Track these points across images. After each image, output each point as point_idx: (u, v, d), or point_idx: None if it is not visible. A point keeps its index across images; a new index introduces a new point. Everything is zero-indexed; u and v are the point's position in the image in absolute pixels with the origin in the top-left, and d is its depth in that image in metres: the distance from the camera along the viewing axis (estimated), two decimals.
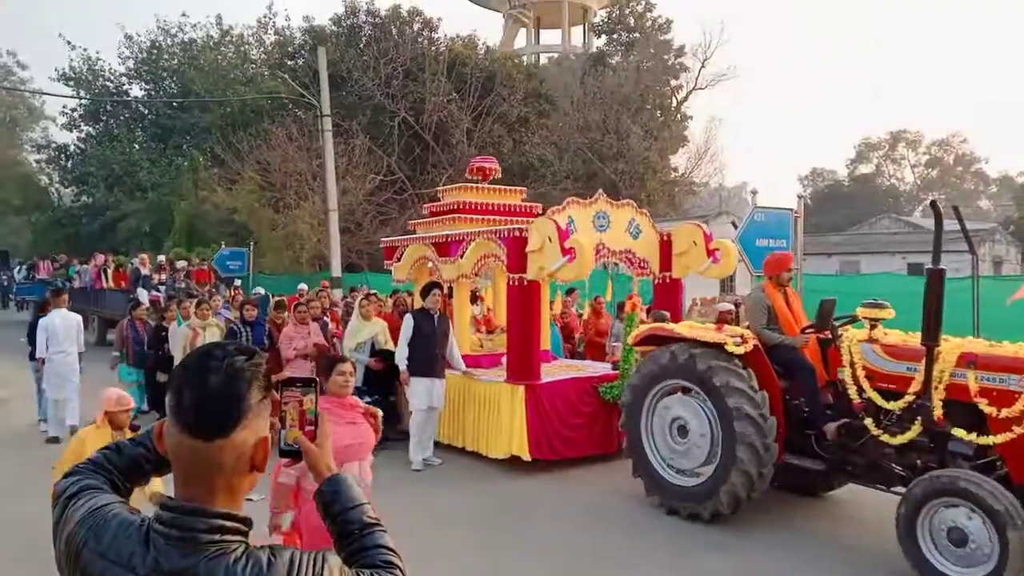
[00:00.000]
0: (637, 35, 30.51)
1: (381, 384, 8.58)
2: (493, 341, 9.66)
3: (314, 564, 1.29)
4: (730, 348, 6.36)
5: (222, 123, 27.00)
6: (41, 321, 9.03)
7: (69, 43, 36.67)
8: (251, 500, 1.67)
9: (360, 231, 25.12)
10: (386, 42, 26.38)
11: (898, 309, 5.91)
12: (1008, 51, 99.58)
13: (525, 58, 35.24)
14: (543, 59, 39.18)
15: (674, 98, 30.19)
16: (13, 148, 42.75)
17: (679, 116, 30.38)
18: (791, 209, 10.11)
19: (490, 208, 9.24)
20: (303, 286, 15.40)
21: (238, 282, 18.39)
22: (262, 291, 14.24)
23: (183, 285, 15.71)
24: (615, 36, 31.29)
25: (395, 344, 8.65)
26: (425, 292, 7.81)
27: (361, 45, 27.00)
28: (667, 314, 7.61)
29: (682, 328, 6.82)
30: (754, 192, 12.83)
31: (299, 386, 1.51)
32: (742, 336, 6.44)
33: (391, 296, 11.63)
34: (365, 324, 8.67)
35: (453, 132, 26.09)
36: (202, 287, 17.18)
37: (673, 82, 30.04)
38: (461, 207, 9.12)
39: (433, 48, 26.78)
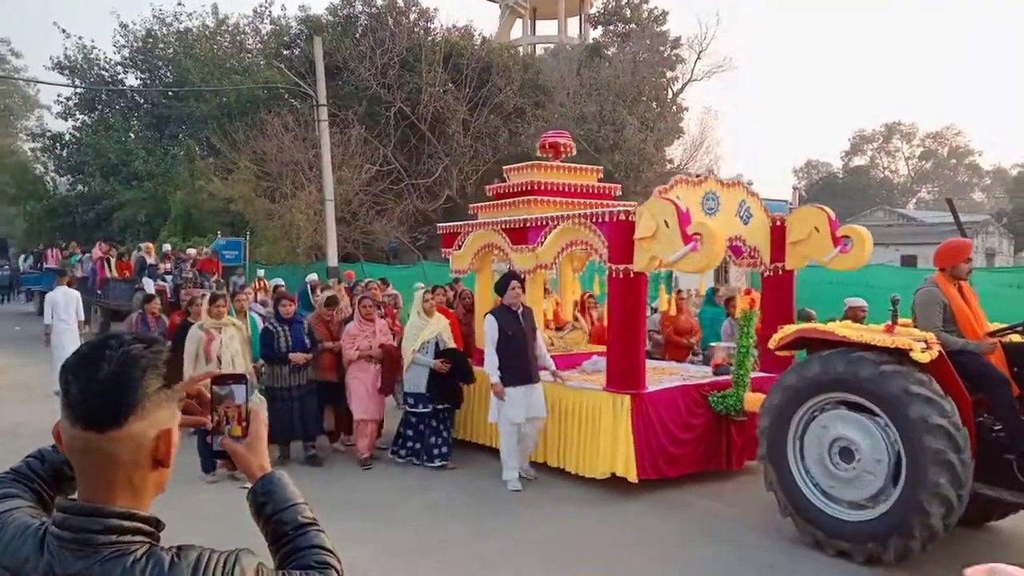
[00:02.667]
0: (633, 26, 29.41)
1: (448, 389, 7.23)
2: (565, 339, 8.16)
3: (225, 564, 1.23)
4: (916, 355, 4.84)
5: (218, 113, 25.88)
6: (48, 295, 10.53)
7: (64, 31, 35.65)
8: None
9: (356, 221, 24.41)
10: (382, 32, 25.27)
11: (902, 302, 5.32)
12: (1001, 44, 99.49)
13: (521, 49, 34.18)
14: (539, 50, 38.04)
15: (670, 89, 29.11)
16: (8, 137, 41.08)
17: (675, 108, 29.40)
18: (786, 200, 8.75)
19: (565, 189, 7.94)
20: (313, 276, 13.98)
21: (260, 272, 16.68)
22: (280, 282, 12.89)
23: (191, 275, 13.91)
24: (611, 27, 30.16)
25: (459, 343, 7.56)
26: (503, 285, 6.61)
27: (357, 35, 25.90)
28: (813, 312, 6.07)
29: (844, 329, 5.29)
30: (749, 183, 12.54)
31: (230, 383, 1.44)
32: (925, 340, 4.90)
33: (447, 288, 10.05)
34: (427, 322, 7.34)
35: (449, 122, 25.20)
36: (207, 277, 15.40)
37: (669, 73, 28.99)
38: (534, 188, 7.80)
39: (429, 38, 25.77)
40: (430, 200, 26.07)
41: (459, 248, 8.30)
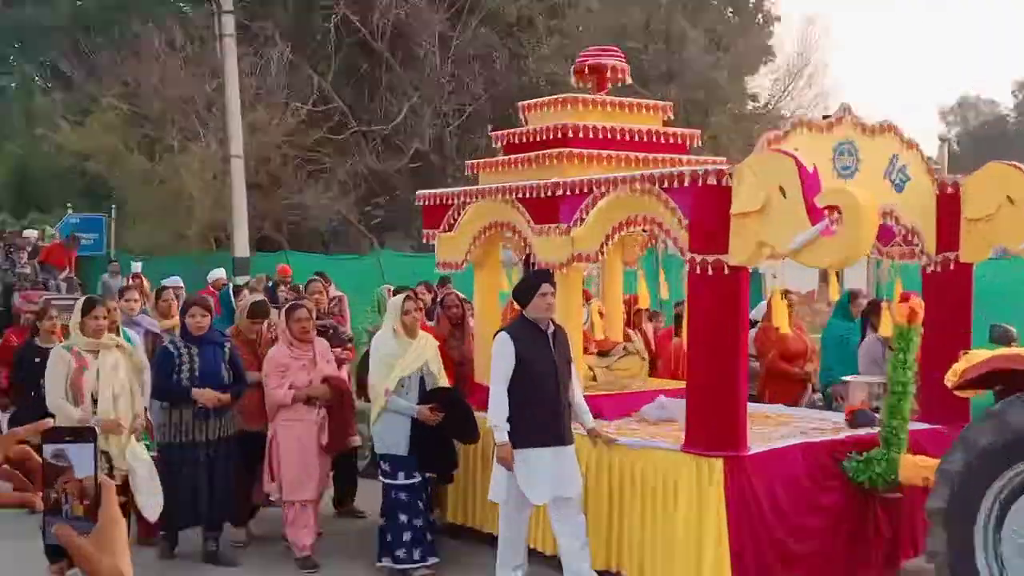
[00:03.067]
0: None
1: (441, 450, 7.27)
2: (614, 369, 8.11)
3: None
4: None
5: (68, 23, 26.26)
6: None
7: None
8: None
9: (278, 189, 24.82)
10: None
11: None
12: None
13: None
14: None
15: None
16: None
17: (761, 17, 29.28)
18: (929, 158, 8.71)
19: (616, 137, 7.81)
20: (218, 273, 14.40)
21: (137, 266, 16.79)
22: (178, 282, 13.05)
23: (29, 271, 13.77)
24: None
25: (450, 378, 7.61)
26: (528, 289, 6.55)
27: None
28: (1013, 330, 5.98)
29: None
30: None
31: (67, 440, 1.47)
32: None
33: (421, 291, 10.01)
34: (409, 345, 7.26)
35: (419, 39, 25.33)
36: (54, 273, 15.28)
37: None
38: (567, 135, 7.67)
39: None
40: (390, 157, 26.24)
41: (450, 229, 8.21)
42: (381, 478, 7.30)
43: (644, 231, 7.45)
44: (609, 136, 7.79)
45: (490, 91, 25.92)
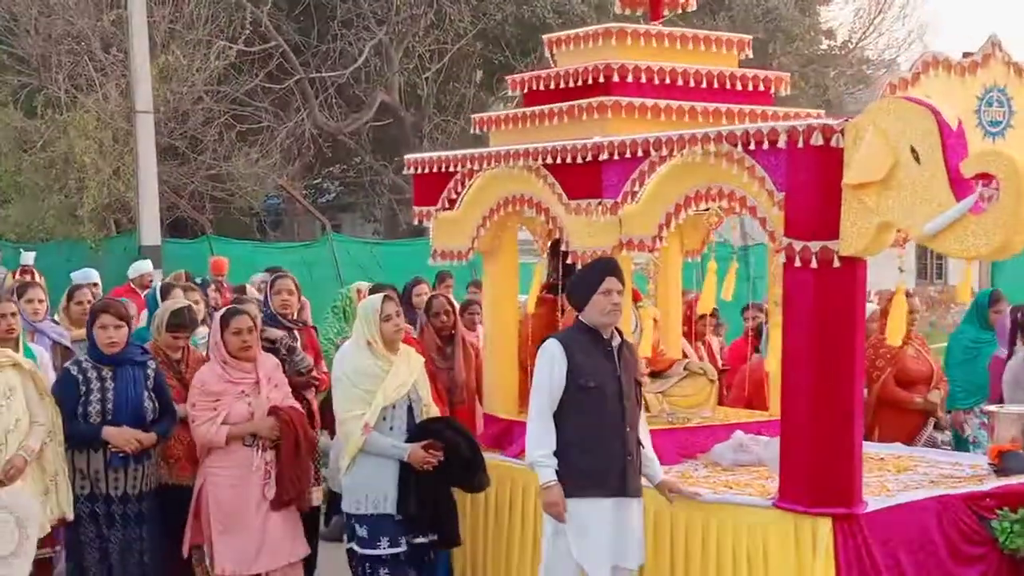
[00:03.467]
0: None
1: (438, 505, 7.20)
2: (672, 398, 8.21)
3: None
4: None
5: None
6: None
7: None
8: None
9: (199, 156, 25.27)
10: None
11: None
12: None
13: None
14: None
15: None
16: None
17: None
18: None
19: (677, 82, 7.78)
20: (144, 266, 14.73)
21: (29, 257, 17.87)
22: (94, 277, 13.29)
23: None
24: None
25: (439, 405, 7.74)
26: (587, 284, 6.40)
27: None
28: None
29: None
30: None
31: None
32: None
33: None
34: (391, 363, 7.16)
35: None
36: None
37: None
38: (611, 80, 7.61)
39: None
40: (347, 113, 26.67)
41: (451, 206, 8.16)
42: (355, 546, 7.15)
43: (719, 210, 7.26)
44: (668, 80, 7.71)
45: (479, 26, 26.27)
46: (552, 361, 6.30)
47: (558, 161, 7.40)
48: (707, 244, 9.03)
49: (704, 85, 7.76)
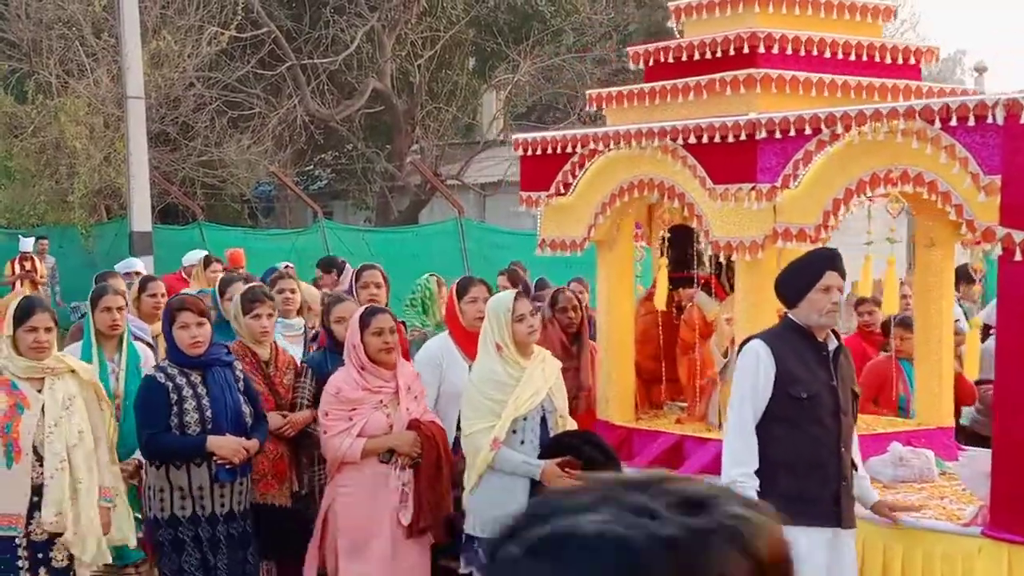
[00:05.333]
0: None
1: None
2: None
3: None
4: None
5: None
6: None
7: None
8: None
9: (190, 142, 24.72)
10: None
11: None
12: None
13: None
14: None
15: None
16: None
17: None
18: None
19: (826, 54, 7.04)
20: (197, 255, 13.17)
21: (28, 243, 18.03)
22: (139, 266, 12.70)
23: None
24: None
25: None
26: (803, 278, 5.64)
27: None
28: None
29: None
30: (979, 71, 13.11)
31: None
32: None
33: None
34: (523, 369, 6.38)
35: None
36: None
37: None
38: (757, 50, 6.87)
39: None
40: (338, 99, 26.10)
41: (564, 191, 7.26)
42: (476, 572, 6.43)
43: (899, 196, 6.34)
44: (815, 51, 6.96)
45: (472, 13, 25.83)
46: (757, 365, 5.49)
47: (703, 141, 6.57)
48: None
49: (853, 57, 7.03)
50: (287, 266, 11.01)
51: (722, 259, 7.23)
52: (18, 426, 5.81)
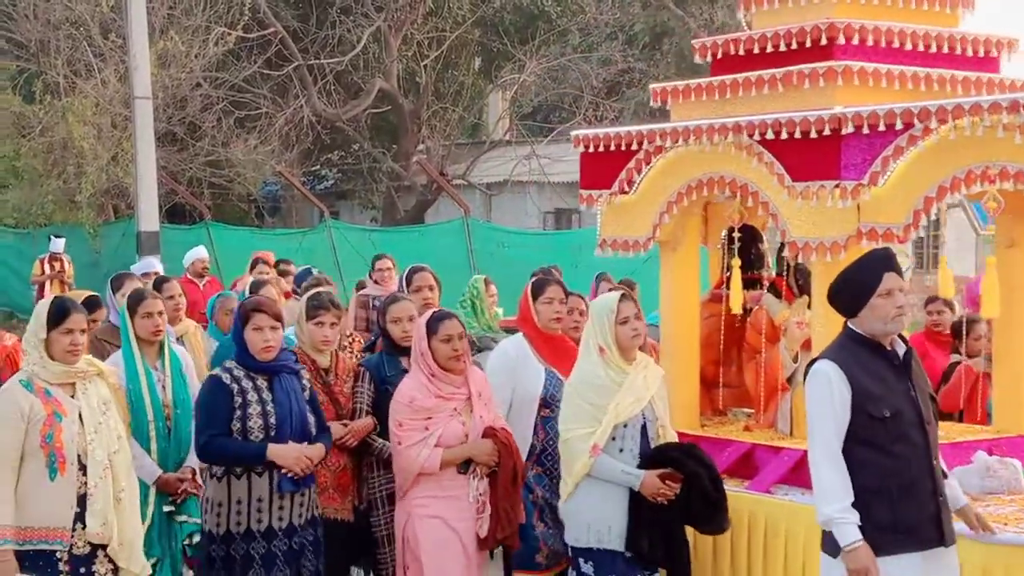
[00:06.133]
0: None
1: (672, 541, 6.02)
2: None
3: None
4: None
5: None
6: None
7: None
8: None
9: (197, 142, 24.84)
10: None
11: None
12: None
13: None
14: None
15: None
16: None
17: None
18: None
19: (906, 45, 6.60)
20: (201, 253, 13.72)
21: (59, 243, 17.99)
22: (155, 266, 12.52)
23: None
24: None
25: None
26: (861, 283, 5.13)
27: None
28: None
29: None
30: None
31: None
32: None
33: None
34: (621, 372, 6.01)
35: None
36: None
37: None
38: (835, 41, 6.46)
39: None
40: (345, 100, 26.15)
41: (627, 189, 6.88)
42: None
43: (996, 196, 5.93)
44: (896, 43, 6.51)
45: (478, 13, 25.83)
46: (831, 389, 4.99)
47: (782, 136, 6.12)
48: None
49: (933, 48, 6.60)
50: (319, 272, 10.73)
51: (789, 260, 6.86)
52: (59, 435, 5.47)
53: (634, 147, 6.82)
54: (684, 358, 6.79)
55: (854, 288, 5.08)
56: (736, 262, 6.68)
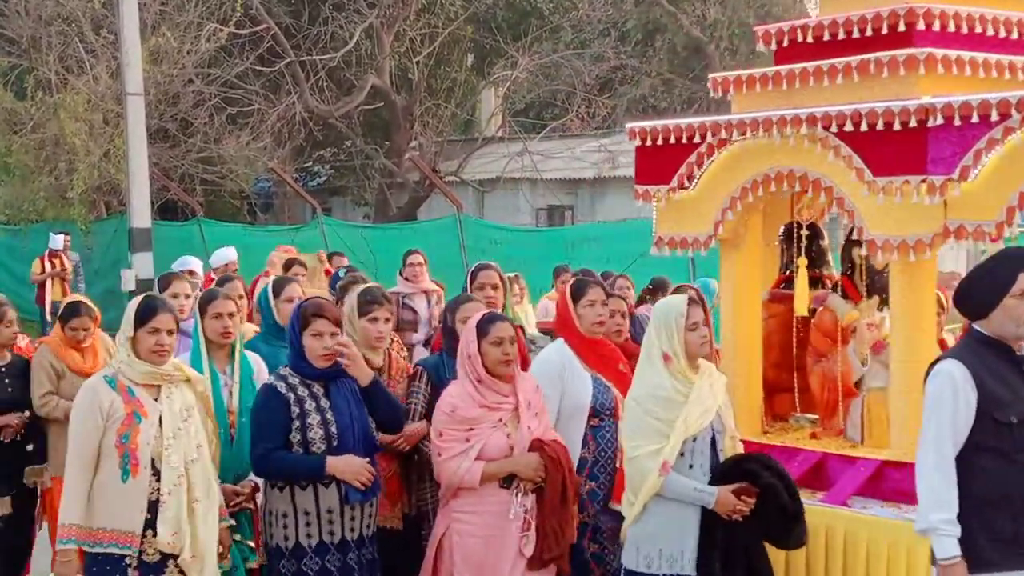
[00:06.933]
0: None
1: (750, 566, 5.60)
2: None
3: None
4: None
5: None
6: None
7: None
8: None
9: (189, 138, 24.65)
10: None
11: None
12: None
13: None
14: None
15: None
16: None
17: None
18: None
19: (987, 32, 6.21)
20: (229, 255, 12.88)
21: (60, 240, 17.99)
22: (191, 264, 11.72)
23: None
24: None
25: None
26: (995, 283, 4.74)
27: None
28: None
29: None
30: None
31: None
32: None
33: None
34: (687, 382, 5.53)
35: None
36: None
37: None
38: (915, 27, 6.04)
39: None
40: (337, 96, 26.00)
41: (686, 184, 6.42)
42: None
43: None
44: (978, 29, 6.10)
45: (470, 9, 25.62)
46: (955, 391, 4.59)
47: (861, 128, 5.68)
48: None
49: (1015, 35, 6.19)
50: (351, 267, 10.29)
51: (856, 258, 6.44)
52: (136, 436, 5.26)
53: (696, 140, 6.38)
54: (747, 362, 6.36)
55: (986, 287, 4.73)
56: (803, 261, 6.28)
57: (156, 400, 5.36)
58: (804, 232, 6.36)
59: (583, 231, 20.48)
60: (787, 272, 6.71)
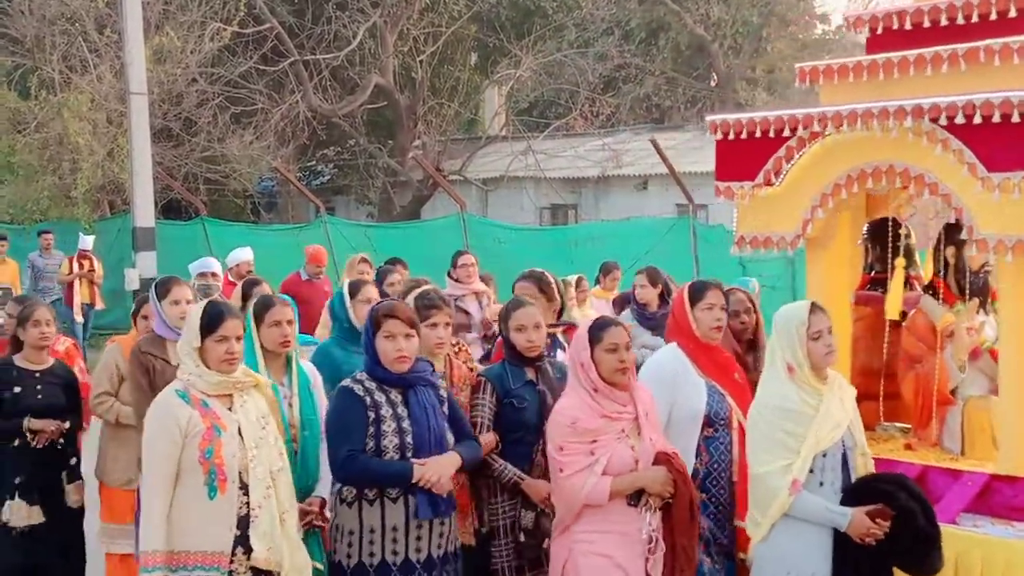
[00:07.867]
0: None
1: None
2: None
3: None
4: None
5: None
6: None
7: None
8: None
9: (192, 137, 24.28)
10: None
11: None
12: None
13: None
14: None
15: None
16: None
17: None
18: None
19: None
20: (245, 255, 12.31)
21: (87, 241, 17.53)
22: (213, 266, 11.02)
23: None
24: None
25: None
26: None
27: None
28: None
29: None
30: None
31: None
32: None
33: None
34: (816, 393, 5.20)
35: None
36: None
37: None
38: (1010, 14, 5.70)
39: None
40: (341, 96, 25.86)
41: (771, 181, 6.06)
42: None
43: None
44: None
45: (474, 9, 25.47)
46: None
47: (974, 121, 5.22)
48: None
49: None
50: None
51: (950, 257, 6.00)
52: (220, 450, 4.93)
53: (785, 133, 5.92)
54: (837, 367, 5.92)
55: None
56: (901, 261, 5.82)
57: (230, 410, 5.05)
58: (904, 231, 5.92)
59: (587, 230, 20.27)
60: (872, 272, 6.28)
